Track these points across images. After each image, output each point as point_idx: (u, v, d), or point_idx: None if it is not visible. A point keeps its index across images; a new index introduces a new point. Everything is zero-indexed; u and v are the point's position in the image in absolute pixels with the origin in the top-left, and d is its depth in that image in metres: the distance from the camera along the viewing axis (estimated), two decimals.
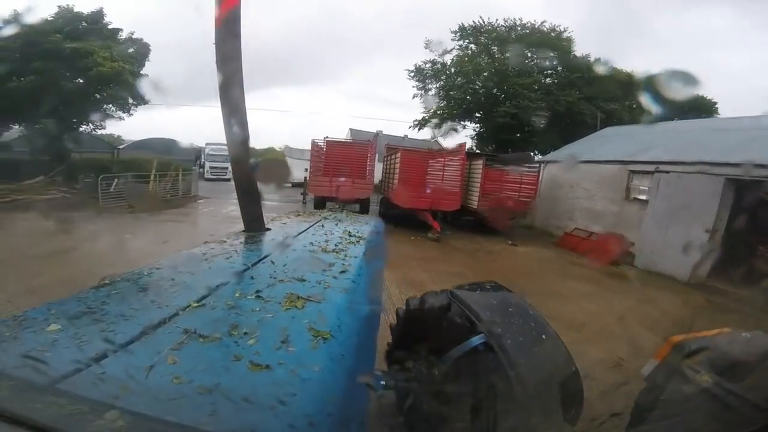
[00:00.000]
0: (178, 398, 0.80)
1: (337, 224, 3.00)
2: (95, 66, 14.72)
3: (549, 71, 21.14)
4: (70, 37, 15.19)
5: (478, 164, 12.62)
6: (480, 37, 21.45)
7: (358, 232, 2.69)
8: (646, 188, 10.36)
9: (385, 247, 3.52)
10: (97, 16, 16.63)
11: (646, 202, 10.12)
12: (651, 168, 10.08)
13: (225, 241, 2.22)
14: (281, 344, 1.04)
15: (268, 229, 2.60)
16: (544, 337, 1.60)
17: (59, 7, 16.05)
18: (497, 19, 21.43)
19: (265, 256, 1.86)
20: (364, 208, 13.69)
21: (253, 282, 1.49)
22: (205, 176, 24.53)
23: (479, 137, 22.67)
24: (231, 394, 0.81)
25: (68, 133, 17.18)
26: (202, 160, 26.68)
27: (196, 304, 1.23)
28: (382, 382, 1.71)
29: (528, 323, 1.67)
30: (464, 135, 23.23)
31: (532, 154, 16.59)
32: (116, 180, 14.19)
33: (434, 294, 2.02)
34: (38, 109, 14.73)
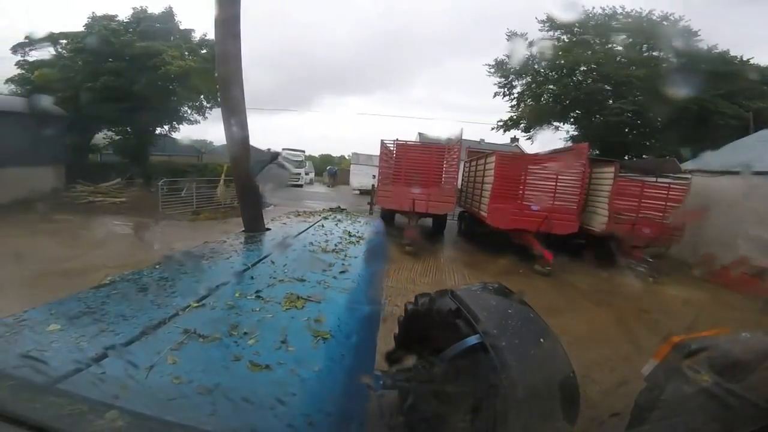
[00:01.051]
0: (178, 398, 0.80)
1: (337, 224, 3.01)
2: (164, 65, 14.69)
3: (668, 63, 17.16)
4: (142, 38, 15.27)
5: (605, 173, 10.02)
6: (573, 26, 18.27)
7: (358, 232, 2.70)
8: None
9: (385, 248, 3.52)
10: (167, 16, 16.71)
11: None
12: None
13: (225, 241, 2.23)
14: (281, 344, 1.04)
15: (268, 229, 2.61)
16: (542, 339, 1.60)
17: (133, 8, 16.29)
18: (593, 7, 17.98)
19: (265, 256, 1.86)
20: (438, 224, 11.77)
21: (253, 282, 1.49)
22: None
23: (575, 141, 18.74)
24: (231, 394, 0.81)
25: (144, 135, 17.25)
26: None
27: (196, 304, 1.23)
28: (382, 382, 1.72)
29: (527, 325, 1.67)
30: (557, 138, 19.99)
31: (676, 160, 12.49)
32: (186, 185, 13.92)
33: (433, 294, 2.03)
34: (116, 111, 14.86)
